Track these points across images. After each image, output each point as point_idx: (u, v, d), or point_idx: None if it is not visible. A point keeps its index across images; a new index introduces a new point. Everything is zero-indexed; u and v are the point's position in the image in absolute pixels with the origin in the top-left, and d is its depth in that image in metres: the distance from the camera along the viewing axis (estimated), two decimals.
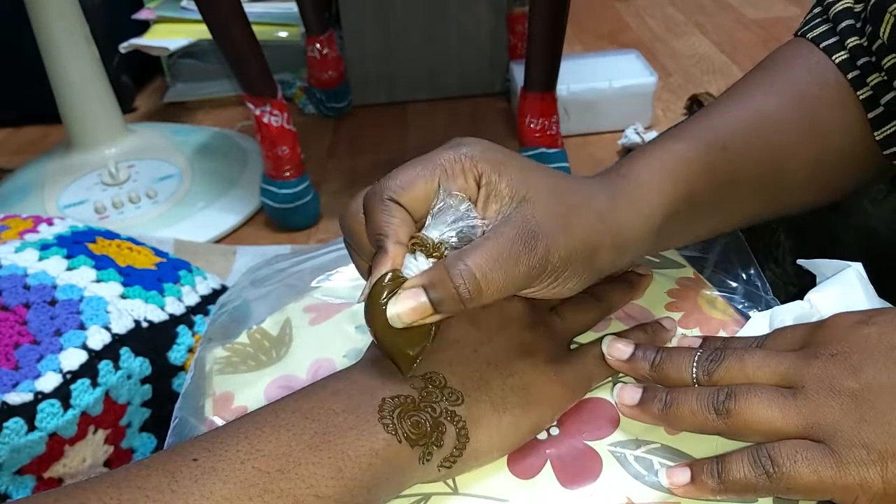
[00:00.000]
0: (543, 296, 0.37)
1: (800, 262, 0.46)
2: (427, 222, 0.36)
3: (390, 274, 0.34)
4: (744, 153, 0.44)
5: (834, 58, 0.47)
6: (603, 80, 1.35)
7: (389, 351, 0.35)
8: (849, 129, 0.47)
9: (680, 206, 0.41)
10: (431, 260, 0.35)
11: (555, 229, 0.35)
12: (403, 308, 0.33)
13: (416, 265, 0.35)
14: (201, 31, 1.48)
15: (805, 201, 0.49)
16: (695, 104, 1.41)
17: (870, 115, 0.47)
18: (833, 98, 0.47)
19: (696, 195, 0.41)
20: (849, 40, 0.47)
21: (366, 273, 0.38)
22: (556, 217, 0.36)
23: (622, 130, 1.33)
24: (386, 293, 0.34)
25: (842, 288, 0.42)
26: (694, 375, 0.38)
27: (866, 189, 0.55)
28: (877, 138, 0.47)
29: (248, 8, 1.10)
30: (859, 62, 0.47)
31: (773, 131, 0.45)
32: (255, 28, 1.07)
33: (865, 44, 0.47)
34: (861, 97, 0.47)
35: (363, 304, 0.35)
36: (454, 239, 0.36)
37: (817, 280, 0.44)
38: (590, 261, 0.37)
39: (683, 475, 0.35)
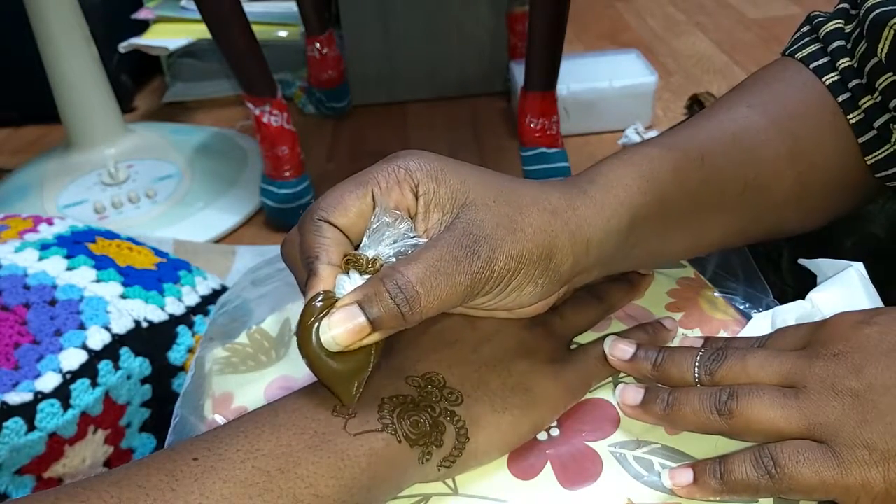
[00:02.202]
0: (503, 306, 0.36)
1: (801, 261, 0.46)
2: (364, 242, 0.34)
3: (322, 295, 0.32)
4: (722, 165, 0.42)
5: (824, 79, 0.46)
6: (603, 80, 1.35)
7: (327, 380, 0.32)
8: (836, 151, 0.46)
9: (650, 210, 0.38)
10: (366, 277, 0.33)
11: (499, 231, 0.33)
12: (338, 330, 0.31)
13: (350, 283, 0.32)
14: (201, 31, 1.48)
15: (791, 224, 0.48)
16: (695, 104, 1.41)
17: (861, 140, 0.46)
18: (820, 119, 0.46)
19: (669, 201, 0.39)
20: (840, 61, 0.46)
21: None
22: (501, 218, 0.34)
23: (622, 130, 1.33)
24: (316, 315, 0.31)
25: (843, 288, 0.42)
26: (696, 375, 0.38)
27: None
28: (868, 162, 0.46)
29: (248, 8, 1.10)
30: (850, 84, 0.46)
31: (754, 146, 0.44)
32: (255, 28, 1.08)
33: (856, 66, 0.46)
34: (852, 121, 0.46)
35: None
36: (392, 258, 0.33)
37: (818, 280, 0.44)
38: (546, 263, 0.35)
39: (686, 476, 0.35)
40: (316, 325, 0.31)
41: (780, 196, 0.45)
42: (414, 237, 0.34)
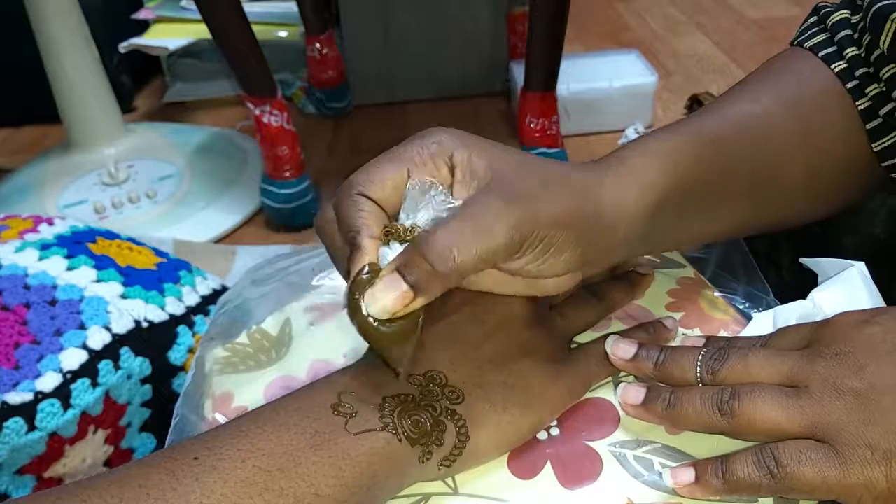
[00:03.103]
0: (539, 272, 0.36)
1: (802, 260, 0.46)
2: (401, 213, 0.35)
3: (367, 267, 0.33)
4: (736, 151, 0.43)
5: (833, 67, 0.47)
6: (603, 80, 1.35)
7: (379, 349, 0.33)
8: (845, 137, 0.47)
9: (672, 196, 0.39)
10: (406, 244, 0.34)
11: (536, 191, 0.34)
12: (382, 297, 0.32)
13: (392, 254, 0.33)
14: (201, 31, 1.48)
15: (801, 211, 0.48)
16: (695, 104, 1.41)
17: (868, 126, 0.47)
18: (829, 106, 0.47)
19: (689, 186, 0.40)
20: (847, 50, 0.47)
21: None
22: (536, 181, 0.35)
23: (622, 130, 1.33)
24: (363, 287, 0.32)
25: (845, 287, 0.42)
26: (698, 375, 0.38)
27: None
28: (875, 150, 0.47)
29: (248, 8, 1.10)
30: (857, 72, 0.46)
31: (766, 132, 0.45)
32: (255, 28, 1.07)
33: (863, 54, 0.46)
34: (860, 108, 0.46)
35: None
36: (430, 223, 0.34)
37: (819, 279, 0.44)
38: (579, 230, 0.35)
39: (688, 475, 0.35)
40: (363, 295, 0.32)
41: (790, 182, 0.45)
42: (449, 200, 0.35)
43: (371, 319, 0.32)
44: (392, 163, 0.35)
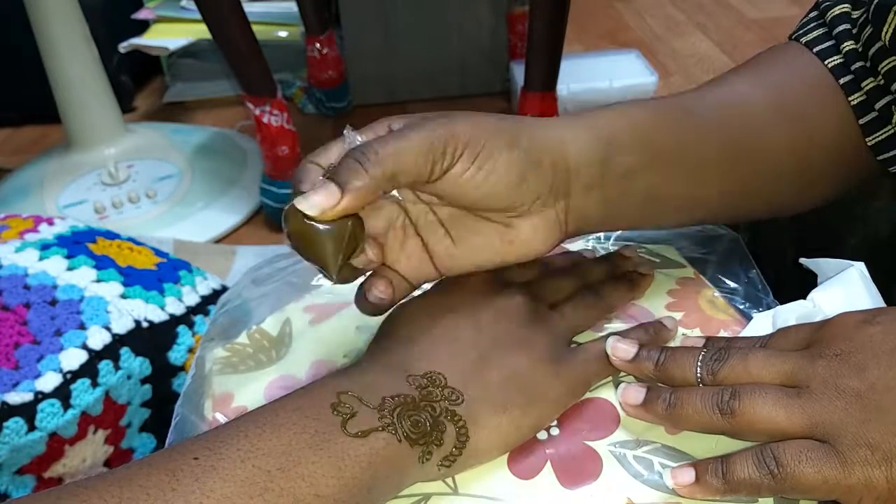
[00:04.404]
0: (483, 185, 0.37)
1: (802, 260, 0.46)
2: None
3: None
4: (714, 121, 0.44)
5: (827, 62, 0.47)
6: (603, 80, 1.35)
7: (312, 251, 0.36)
8: (835, 128, 0.47)
9: (634, 146, 0.40)
10: None
11: (463, 114, 0.37)
12: (314, 197, 0.34)
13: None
14: (201, 31, 1.48)
15: (789, 197, 0.48)
16: None
17: (862, 121, 0.47)
18: (819, 97, 0.47)
19: (656, 143, 0.41)
20: (844, 44, 0.47)
21: None
22: (469, 113, 0.37)
23: None
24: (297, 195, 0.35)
25: (845, 287, 0.42)
26: (698, 375, 0.38)
27: (869, 193, 0.55)
28: (869, 143, 0.47)
29: (248, 8, 1.10)
30: (853, 66, 0.46)
31: (747, 111, 0.45)
32: (255, 28, 1.07)
33: (860, 49, 0.46)
34: (853, 102, 0.47)
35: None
36: None
37: (819, 279, 0.44)
38: (510, 136, 0.37)
39: (688, 475, 0.35)
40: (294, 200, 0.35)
41: (774, 164, 0.46)
42: None
43: (305, 221, 0.35)
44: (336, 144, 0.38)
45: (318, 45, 1.45)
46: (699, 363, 0.38)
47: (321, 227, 0.35)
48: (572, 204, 0.40)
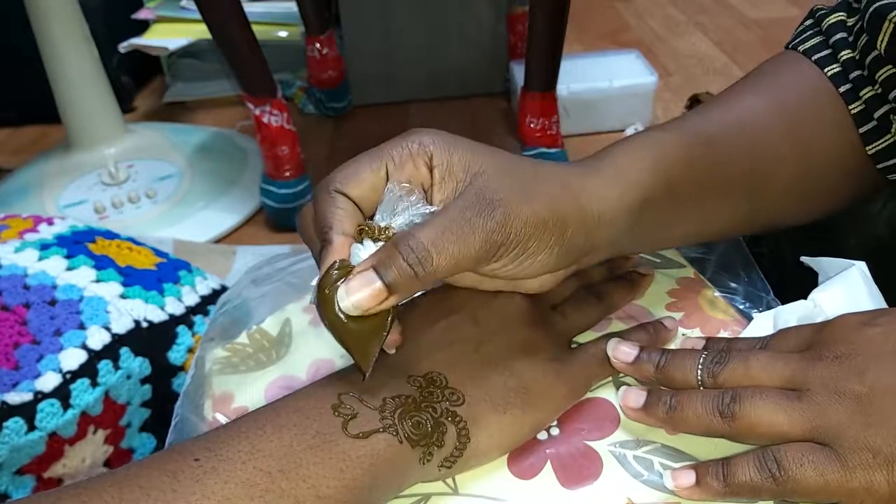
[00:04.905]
0: (515, 274, 0.36)
1: (803, 259, 0.46)
2: (376, 214, 0.35)
3: (338, 263, 0.33)
4: (729, 151, 0.43)
5: (826, 70, 0.47)
6: (603, 80, 1.35)
7: (348, 344, 0.33)
8: (837, 139, 0.47)
9: (658, 193, 0.39)
10: (379, 244, 0.34)
11: (514, 195, 0.34)
12: (357, 295, 0.32)
13: (364, 251, 0.33)
14: (201, 31, 1.48)
15: (793, 213, 0.48)
16: (695, 104, 1.40)
17: (861, 130, 0.46)
18: (821, 109, 0.47)
19: (676, 185, 0.40)
20: (841, 53, 0.47)
21: None
22: (515, 184, 0.34)
23: (622, 130, 1.33)
24: (333, 283, 0.32)
25: (846, 287, 0.42)
26: (699, 378, 0.38)
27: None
28: (869, 153, 0.47)
29: (248, 8, 1.09)
30: (851, 76, 0.46)
31: (759, 133, 0.45)
32: (255, 28, 1.07)
33: (857, 57, 0.46)
34: (853, 111, 0.46)
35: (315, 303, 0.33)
36: (404, 227, 0.34)
37: (819, 279, 0.44)
38: (559, 231, 0.35)
39: (688, 477, 0.35)
40: (335, 292, 0.32)
41: (781, 184, 0.46)
42: (425, 207, 0.34)
43: (341, 315, 0.32)
44: (371, 161, 0.35)
45: (318, 45, 1.45)
46: (700, 366, 0.38)
47: (358, 323, 0.32)
48: (585, 260, 0.39)
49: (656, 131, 0.42)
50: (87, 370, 0.63)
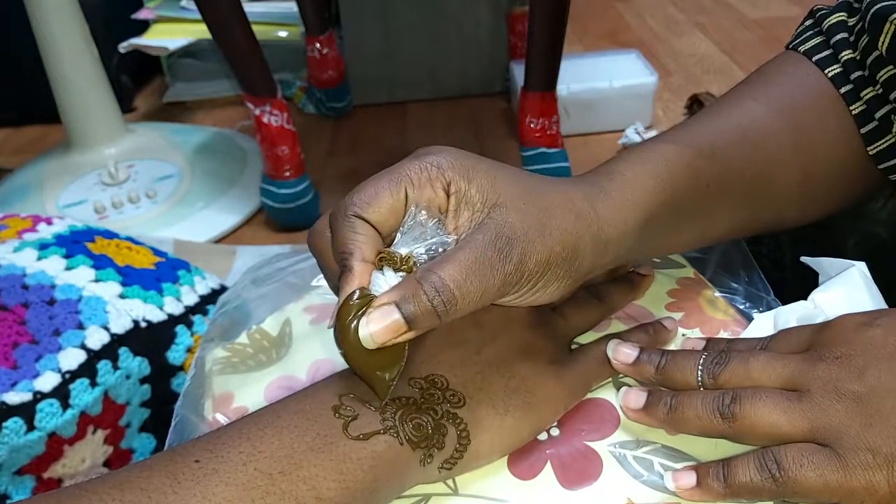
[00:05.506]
0: (523, 303, 0.36)
1: (803, 259, 0.46)
2: (396, 239, 0.34)
3: (358, 292, 0.33)
4: (732, 159, 0.43)
5: (827, 71, 0.47)
6: (603, 80, 1.35)
7: (364, 374, 0.33)
8: (839, 141, 0.47)
9: (663, 209, 0.39)
10: (400, 274, 0.33)
11: (530, 233, 0.34)
12: (376, 327, 0.32)
13: (385, 281, 0.33)
14: (201, 31, 1.48)
15: (795, 215, 0.48)
16: (695, 104, 1.41)
17: (863, 130, 0.47)
18: (823, 110, 0.47)
19: (681, 197, 0.40)
20: (842, 53, 0.47)
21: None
22: (531, 220, 0.34)
23: (622, 130, 1.33)
24: (354, 313, 0.32)
25: (846, 288, 0.42)
26: (699, 378, 0.38)
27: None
28: (870, 153, 0.47)
29: (248, 8, 1.09)
30: (853, 76, 0.46)
31: (761, 139, 0.45)
32: (255, 28, 1.07)
33: (858, 58, 0.46)
34: (854, 112, 0.46)
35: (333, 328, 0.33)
36: (424, 256, 0.34)
37: (820, 279, 0.44)
38: (570, 263, 0.35)
39: (689, 478, 0.35)
40: (354, 322, 0.32)
41: (784, 187, 0.46)
42: (444, 236, 0.34)
43: (359, 346, 0.32)
44: (391, 184, 0.34)
45: (318, 45, 1.45)
46: (700, 366, 0.38)
47: (376, 353, 0.32)
48: (589, 277, 0.39)
49: (661, 143, 0.42)
50: (87, 370, 0.63)
